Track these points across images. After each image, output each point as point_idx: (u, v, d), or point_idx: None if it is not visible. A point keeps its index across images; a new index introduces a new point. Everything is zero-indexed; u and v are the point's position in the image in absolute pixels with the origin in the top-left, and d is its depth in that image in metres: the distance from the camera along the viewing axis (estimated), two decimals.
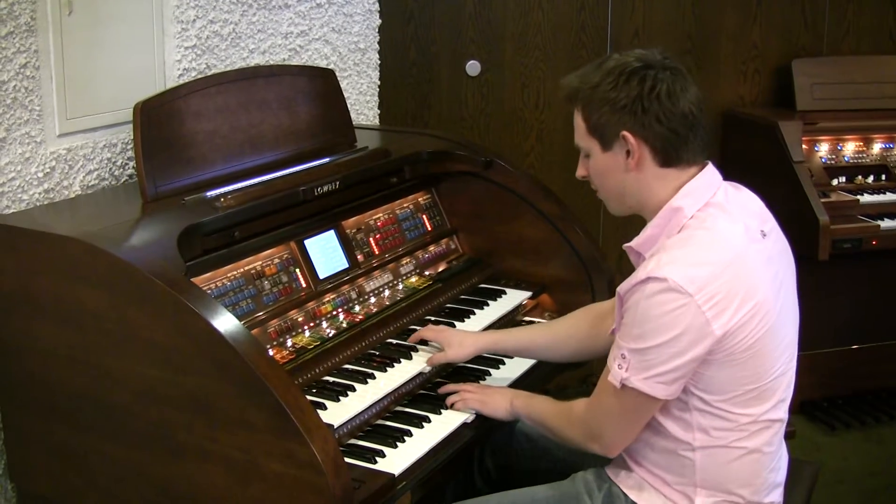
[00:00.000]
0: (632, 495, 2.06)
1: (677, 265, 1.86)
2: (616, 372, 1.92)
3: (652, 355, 1.87)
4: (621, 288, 1.95)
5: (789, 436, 2.12)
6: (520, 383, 2.44)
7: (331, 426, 2.04)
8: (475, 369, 2.47)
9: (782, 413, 2.03)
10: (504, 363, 2.50)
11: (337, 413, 2.12)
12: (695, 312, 1.84)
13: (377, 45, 3.38)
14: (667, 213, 1.97)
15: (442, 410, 2.26)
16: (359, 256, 2.62)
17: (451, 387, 2.31)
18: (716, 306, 1.85)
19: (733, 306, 1.86)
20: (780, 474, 2.11)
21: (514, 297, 2.80)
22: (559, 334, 2.42)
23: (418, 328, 2.52)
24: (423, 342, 2.45)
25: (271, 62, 2.93)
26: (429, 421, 2.21)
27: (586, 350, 2.40)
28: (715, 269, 1.86)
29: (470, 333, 2.48)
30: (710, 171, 2.02)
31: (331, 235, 2.56)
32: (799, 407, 4.06)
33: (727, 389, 1.93)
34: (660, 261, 1.88)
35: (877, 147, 4.14)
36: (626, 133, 1.95)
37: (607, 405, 1.98)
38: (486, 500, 2.18)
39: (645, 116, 1.93)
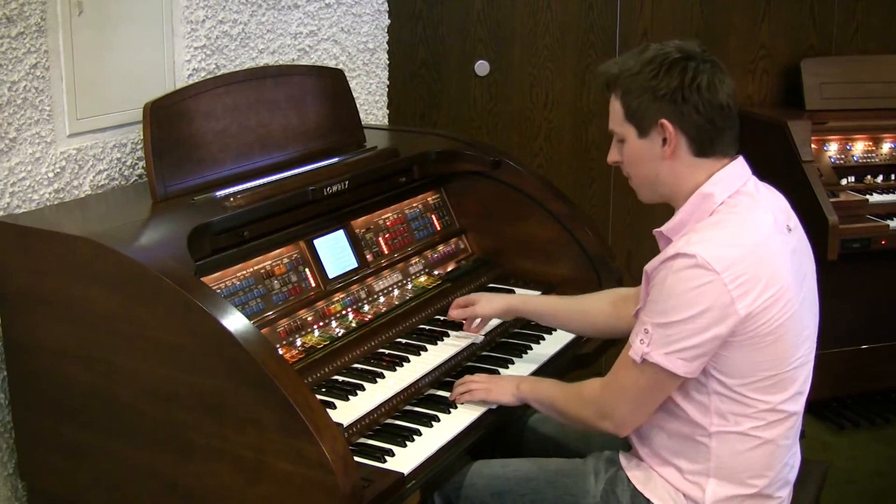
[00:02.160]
0: (636, 484, 2.08)
1: (706, 244, 1.90)
2: (637, 347, 1.94)
3: (675, 330, 1.89)
4: (648, 266, 1.98)
5: (800, 435, 2.12)
6: None
7: (340, 425, 2.04)
8: (484, 368, 2.47)
9: (799, 406, 2.04)
10: (513, 362, 2.50)
11: (346, 412, 2.12)
12: (720, 290, 1.86)
13: (386, 45, 3.38)
14: (697, 199, 2.00)
15: (451, 409, 2.26)
16: (368, 256, 2.63)
17: (458, 389, 2.32)
18: (741, 286, 1.87)
19: (758, 288, 1.89)
20: (793, 473, 2.11)
21: None
22: (582, 307, 2.48)
23: (428, 328, 2.54)
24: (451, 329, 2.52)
25: (280, 62, 2.94)
26: (438, 420, 2.21)
27: (606, 327, 2.44)
28: (742, 251, 1.90)
29: (497, 294, 2.60)
30: (741, 163, 2.06)
31: (340, 235, 2.56)
32: (808, 406, 4.01)
33: (747, 374, 1.95)
34: (689, 239, 1.92)
35: (886, 147, 4.12)
36: (664, 121, 1.98)
37: (624, 381, 2.00)
38: (505, 464, 2.22)
39: (684, 106, 1.96)
